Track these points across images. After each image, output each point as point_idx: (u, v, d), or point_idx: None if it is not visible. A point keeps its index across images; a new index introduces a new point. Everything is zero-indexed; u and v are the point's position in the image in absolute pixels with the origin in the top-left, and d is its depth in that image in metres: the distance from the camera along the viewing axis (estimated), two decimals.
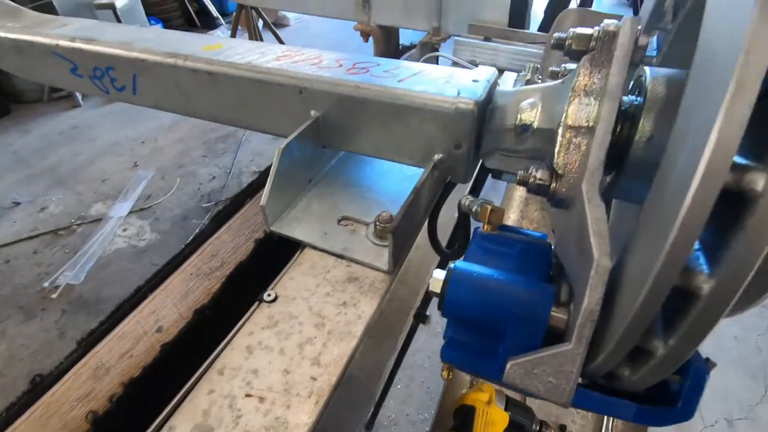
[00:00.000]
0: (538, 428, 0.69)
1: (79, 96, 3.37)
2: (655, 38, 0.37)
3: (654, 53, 0.36)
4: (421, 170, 0.46)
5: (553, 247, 0.32)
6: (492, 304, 0.26)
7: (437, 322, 1.51)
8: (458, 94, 0.43)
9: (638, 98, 0.28)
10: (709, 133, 0.15)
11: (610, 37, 0.26)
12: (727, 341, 1.73)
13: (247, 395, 0.34)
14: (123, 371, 0.46)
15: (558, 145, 0.27)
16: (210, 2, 4.07)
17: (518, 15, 0.88)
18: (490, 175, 0.66)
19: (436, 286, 0.27)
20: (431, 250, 0.71)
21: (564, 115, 0.27)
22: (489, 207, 0.35)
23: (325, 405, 0.34)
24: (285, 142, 0.47)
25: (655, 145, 0.25)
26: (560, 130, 0.27)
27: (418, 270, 0.67)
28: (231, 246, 0.61)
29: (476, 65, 0.67)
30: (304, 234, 0.49)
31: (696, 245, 0.21)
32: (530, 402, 0.74)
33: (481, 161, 0.50)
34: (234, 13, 3.00)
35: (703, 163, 0.15)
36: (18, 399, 0.46)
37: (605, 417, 0.71)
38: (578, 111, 0.26)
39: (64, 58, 0.66)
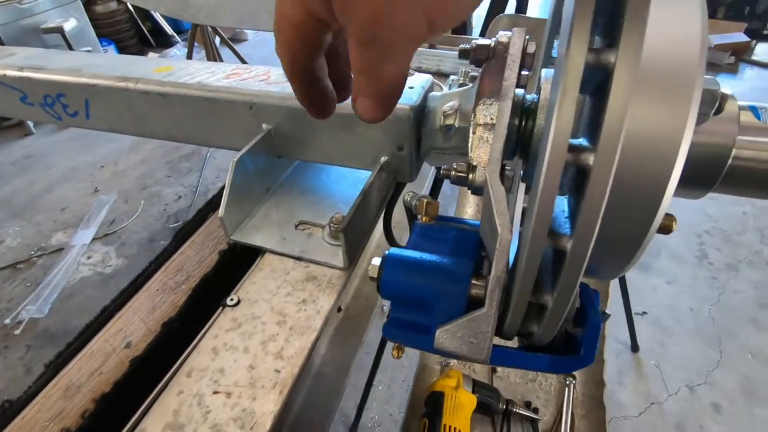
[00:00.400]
0: (504, 407, 0.74)
1: (30, 124, 3.26)
2: None
3: None
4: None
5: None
6: (421, 282, 0.29)
7: None
8: None
9: (537, 96, 0.32)
10: (552, 124, 0.19)
11: (504, 46, 0.30)
12: (683, 314, 1.85)
13: (215, 392, 0.37)
14: (94, 388, 0.47)
15: (471, 140, 0.31)
16: (164, 20, 4.01)
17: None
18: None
19: (373, 272, 0.31)
20: None
21: (473, 114, 0.31)
22: (425, 200, 0.39)
23: (289, 393, 0.37)
24: (238, 156, 0.50)
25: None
26: (471, 128, 0.31)
27: None
28: (195, 260, 0.63)
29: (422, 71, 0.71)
30: (263, 240, 0.51)
31: (566, 214, 0.25)
32: (496, 383, 0.79)
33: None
34: (189, 31, 2.98)
35: (548, 146, 0.19)
36: None
37: (566, 390, 0.77)
38: (483, 111, 0.30)
39: (13, 88, 0.67)
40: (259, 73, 0.57)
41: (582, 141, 0.22)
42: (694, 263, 2.08)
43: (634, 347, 1.72)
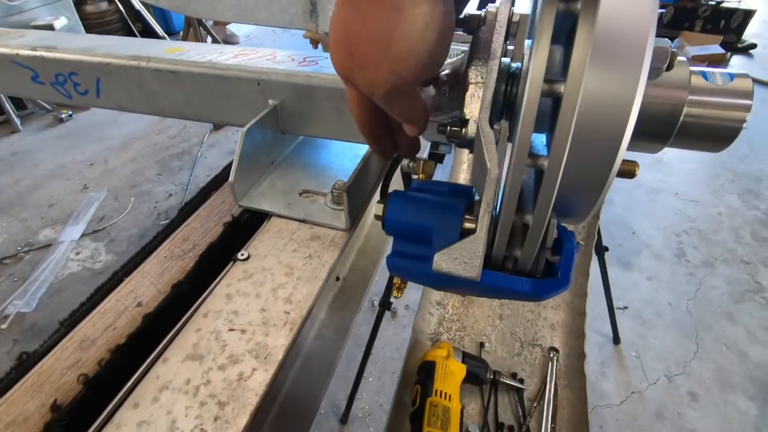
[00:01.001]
0: (492, 377, 0.78)
1: (17, 120, 3.23)
2: None
3: None
4: None
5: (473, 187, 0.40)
6: (421, 217, 0.34)
7: (403, 315, 1.60)
8: None
9: (521, 64, 0.37)
10: (532, 58, 0.24)
11: (493, 15, 0.35)
12: (663, 308, 1.92)
13: (230, 329, 0.40)
14: (108, 341, 0.50)
15: (463, 98, 0.36)
16: (154, 21, 4.02)
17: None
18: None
19: (378, 210, 0.35)
20: None
21: (466, 74, 0.35)
22: (422, 160, 0.43)
23: (298, 331, 0.40)
24: (247, 126, 0.53)
25: None
26: (464, 87, 0.35)
27: (377, 243, 0.75)
28: (201, 231, 0.66)
29: None
30: (270, 205, 0.55)
31: (543, 143, 0.30)
32: (484, 357, 0.83)
33: None
34: (180, 32, 3.00)
35: (528, 81, 0.24)
36: (6, 375, 0.49)
37: (549, 363, 0.81)
38: (474, 71, 0.35)
39: (25, 67, 0.70)
40: (266, 54, 0.61)
41: (556, 77, 0.27)
42: (673, 261, 2.16)
43: (616, 340, 1.78)
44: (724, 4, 4.10)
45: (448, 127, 0.37)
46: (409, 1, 0.27)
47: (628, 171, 0.33)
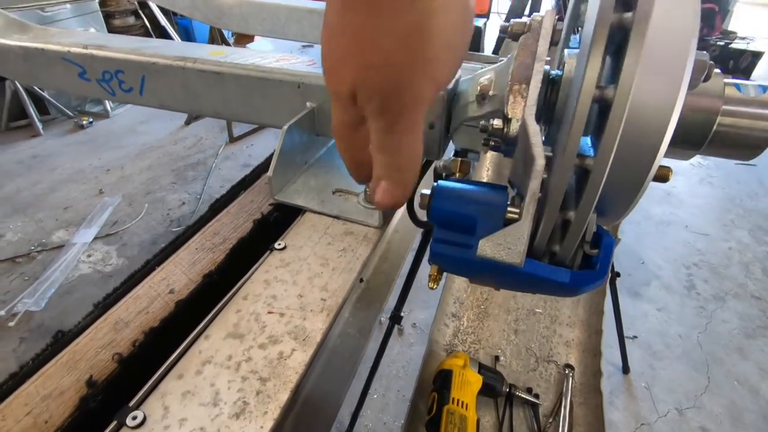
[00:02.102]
0: (507, 390, 0.78)
1: (40, 125, 3.32)
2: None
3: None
4: None
5: (508, 184, 0.42)
6: (465, 207, 0.35)
7: (410, 333, 1.59)
8: None
9: (560, 71, 0.40)
10: (584, 71, 0.26)
11: (537, 23, 0.37)
12: (672, 339, 1.89)
13: (270, 312, 0.41)
14: (142, 323, 0.51)
15: (507, 98, 0.38)
16: (177, 36, 4.17)
17: (474, 41, 1.04)
18: None
19: (424, 199, 0.37)
20: (408, 234, 0.81)
21: (510, 76, 0.38)
22: (459, 159, 0.45)
23: (334, 317, 0.41)
24: (288, 124, 0.56)
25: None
26: (508, 87, 0.38)
27: (398, 249, 0.76)
28: (231, 226, 0.68)
29: None
30: (304, 201, 0.57)
31: (588, 142, 0.32)
32: (499, 370, 0.83)
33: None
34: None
35: (581, 86, 0.26)
36: (42, 351, 0.50)
37: (565, 380, 0.81)
38: (519, 72, 0.37)
39: (75, 63, 0.73)
40: (306, 60, 0.64)
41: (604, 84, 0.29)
42: (683, 293, 2.14)
43: (626, 369, 1.75)
44: (733, 45, 4.19)
45: (491, 125, 0.39)
46: None
47: (663, 175, 0.35)
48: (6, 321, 1.86)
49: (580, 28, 0.40)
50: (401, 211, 0.71)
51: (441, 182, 0.37)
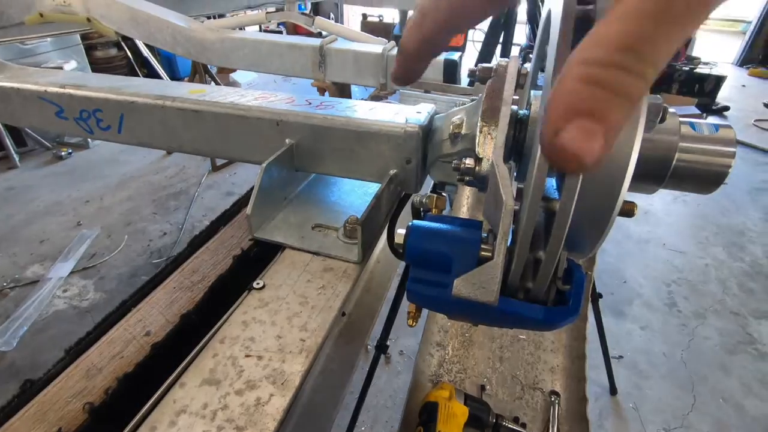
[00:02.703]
0: (494, 420, 0.77)
1: (16, 157, 3.26)
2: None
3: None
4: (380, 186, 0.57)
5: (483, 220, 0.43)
6: (440, 246, 0.36)
7: (397, 361, 1.57)
8: (406, 121, 0.56)
9: (528, 110, 0.41)
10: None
11: (503, 68, 0.39)
12: (657, 358, 1.91)
13: (247, 356, 0.41)
14: (116, 369, 0.50)
15: (478, 139, 0.39)
16: (160, 67, 4.19)
17: (450, 74, 1.07)
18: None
19: (400, 239, 0.37)
20: (389, 265, 0.81)
21: (479, 118, 0.39)
22: (434, 196, 0.46)
23: (313, 359, 0.41)
24: (267, 162, 0.56)
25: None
26: (479, 129, 0.39)
27: (380, 280, 0.76)
28: (210, 263, 0.67)
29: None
30: (284, 238, 0.57)
31: (554, 184, 0.33)
32: (485, 400, 0.82)
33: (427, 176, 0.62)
34: (185, 78, 3.13)
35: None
36: (8, 402, 0.48)
37: (551, 408, 0.81)
38: (487, 114, 0.38)
39: (52, 103, 0.73)
40: (284, 98, 0.66)
41: None
42: (665, 311, 2.18)
43: (613, 390, 1.76)
44: (697, 70, 4.41)
45: (462, 166, 0.40)
46: None
47: (628, 210, 0.36)
48: None
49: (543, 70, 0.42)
50: (382, 241, 0.72)
51: (416, 222, 0.38)
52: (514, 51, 2.52)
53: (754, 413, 1.70)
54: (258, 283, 0.50)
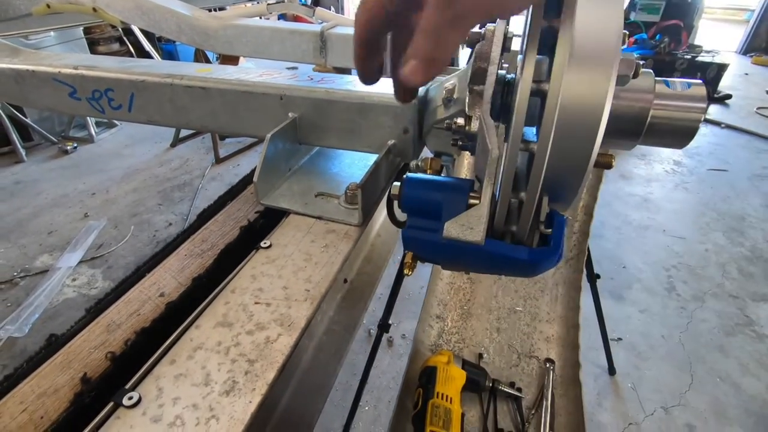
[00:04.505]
0: (491, 385, 0.81)
1: (23, 151, 3.30)
2: None
3: None
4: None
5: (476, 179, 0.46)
6: (432, 194, 0.39)
7: (399, 344, 1.61)
8: None
9: (515, 74, 0.44)
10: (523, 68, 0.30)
11: (491, 32, 0.42)
12: (656, 340, 1.94)
13: (256, 303, 0.44)
14: (134, 325, 0.53)
15: (468, 99, 0.42)
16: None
17: None
18: None
19: (395, 190, 0.41)
20: (390, 238, 0.84)
21: (469, 79, 0.42)
22: (429, 158, 0.49)
23: (317, 305, 0.44)
24: (272, 132, 0.60)
25: None
26: (468, 90, 0.42)
27: (381, 251, 0.80)
28: (218, 233, 0.71)
29: None
30: (288, 204, 0.60)
31: (533, 134, 0.36)
32: (482, 365, 0.86)
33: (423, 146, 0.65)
34: None
35: (521, 80, 0.30)
36: (36, 353, 0.51)
37: (546, 374, 0.84)
38: (476, 75, 0.42)
39: (65, 84, 0.77)
40: (287, 74, 0.69)
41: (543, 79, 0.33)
42: (664, 294, 2.20)
43: (611, 371, 1.79)
44: (699, 58, 4.40)
45: (454, 123, 0.43)
46: None
47: (606, 163, 0.39)
48: None
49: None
50: (383, 215, 0.75)
51: (410, 174, 0.41)
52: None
53: (751, 392, 1.73)
54: (265, 243, 0.54)
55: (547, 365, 0.86)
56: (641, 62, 0.39)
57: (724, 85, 4.62)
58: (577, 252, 1.00)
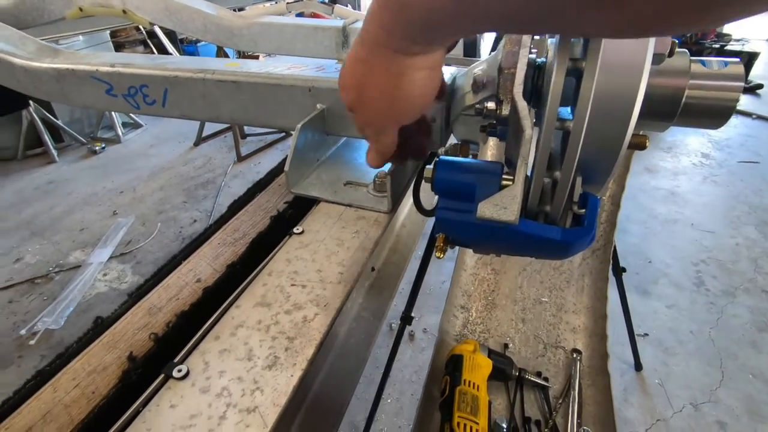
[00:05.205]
0: (517, 374, 0.81)
1: (54, 152, 3.43)
2: None
3: None
4: None
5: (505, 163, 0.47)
6: (465, 176, 0.40)
7: (421, 338, 1.62)
8: None
9: (545, 59, 0.45)
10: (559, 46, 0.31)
11: None
12: (684, 335, 1.90)
13: (293, 284, 0.46)
14: (174, 308, 0.56)
15: (498, 82, 0.43)
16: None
17: (470, 47, 1.10)
18: None
19: (428, 173, 0.41)
20: (415, 229, 0.85)
21: (500, 63, 0.43)
22: (459, 144, 0.50)
23: (351, 288, 0.46)
24: (302, 122, 0.61)
25: None
26: (499, 74, 0.43)
27: (406, 242, 0.81)
28: (249, 223, 0.73)
29: None
30: (318, 192, 0.62)
31: (567, 111, 0.37)
32: (508, 355, 0.86)
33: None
34: None
35: (556, 59, 0.31)
36: (84, 334, 0.54)
37: (573, 364, 0.84)
38: (507, 59, 0.42)
39: (102, 81, 0.80)
40: (315, 66, 0.70)
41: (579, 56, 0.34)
42: (692, 289, 2.15)
43: (638, 366, 1.76)
44: (728, 47, 4.26)
45: (485, 108, 0.44)
46: (411, 67, 0.33)
47: (640, 143, 0.39)
48: (26, 340, 1.91)
49: None
50: (409, 207, 0.76)
51: (442, 156, 0.42)
52: None
53: None
54: (298, 229, 0.55)
55: (574, 355, 0.85)
56: (676, 41, 0.39)
57: (755, 74, 4.45)
58: (603, 242, 0.99)
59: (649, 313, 2.02)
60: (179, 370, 0.38)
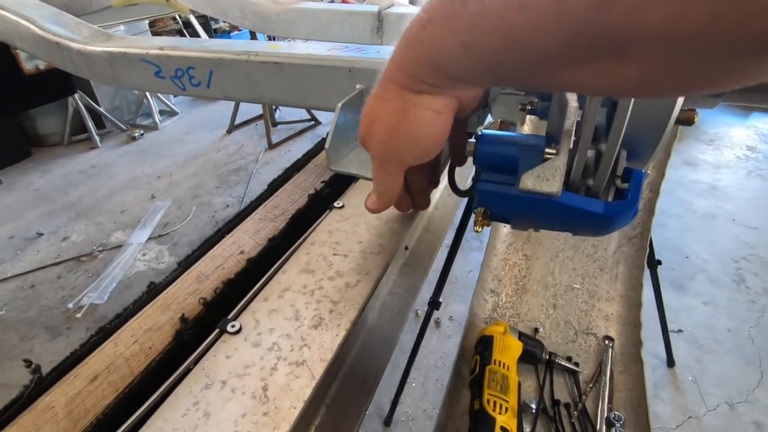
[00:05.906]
0: (548, 357, 0.81)
1: (97, 138, 3.59)
2: None
3: None
4: None
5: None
6: (508, 148, 0.41)
7: (447, 326, 1.63)
8: None
9: None
10: None
11: None
12: (721, 333, 1.83)
13: (335, 254, 0.48)
14: (220, 276, 0.59)
15: None
16: None
17: None
18: None
19: (470, 146, 0.42)
20: (447, 211, 0.86)
21: None
22: (499, 120, 0.50)
23: (391, 258, 0.47)
24: (342, 101, 0.63)
25: None
26: None
27: (439, 222, 0.82)
28: (288, 201, 0.76)
29: None
30: (357, 170, 0.63)
31: None
32: (539, 338, 0.86)
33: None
34: None
35: None
36: (139, 298, 0.58)
37: (605, 351, 0.83)
38: None
39: (151, 63, 0.84)
40: (355, 47, 0.71)
41: None
42: (732, 287, 2.07)
43: (670, 362, 1.71)
44: None
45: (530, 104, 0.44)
46: (417, 104, 0.33)
47: (688, 118, 0.39)
48: (74, 313, 2.04)
49: None
50: (442, 189, 0.77)
51: (485, 130, 0.43)
52: None
53: None
54: (338, 203, 0.57)
55: (606, 342, 0.85)
56: None
57: None
58: (641, 230, 0.97)
59: (684, 309, 1.96)
60: (233, 326, 0.41)
